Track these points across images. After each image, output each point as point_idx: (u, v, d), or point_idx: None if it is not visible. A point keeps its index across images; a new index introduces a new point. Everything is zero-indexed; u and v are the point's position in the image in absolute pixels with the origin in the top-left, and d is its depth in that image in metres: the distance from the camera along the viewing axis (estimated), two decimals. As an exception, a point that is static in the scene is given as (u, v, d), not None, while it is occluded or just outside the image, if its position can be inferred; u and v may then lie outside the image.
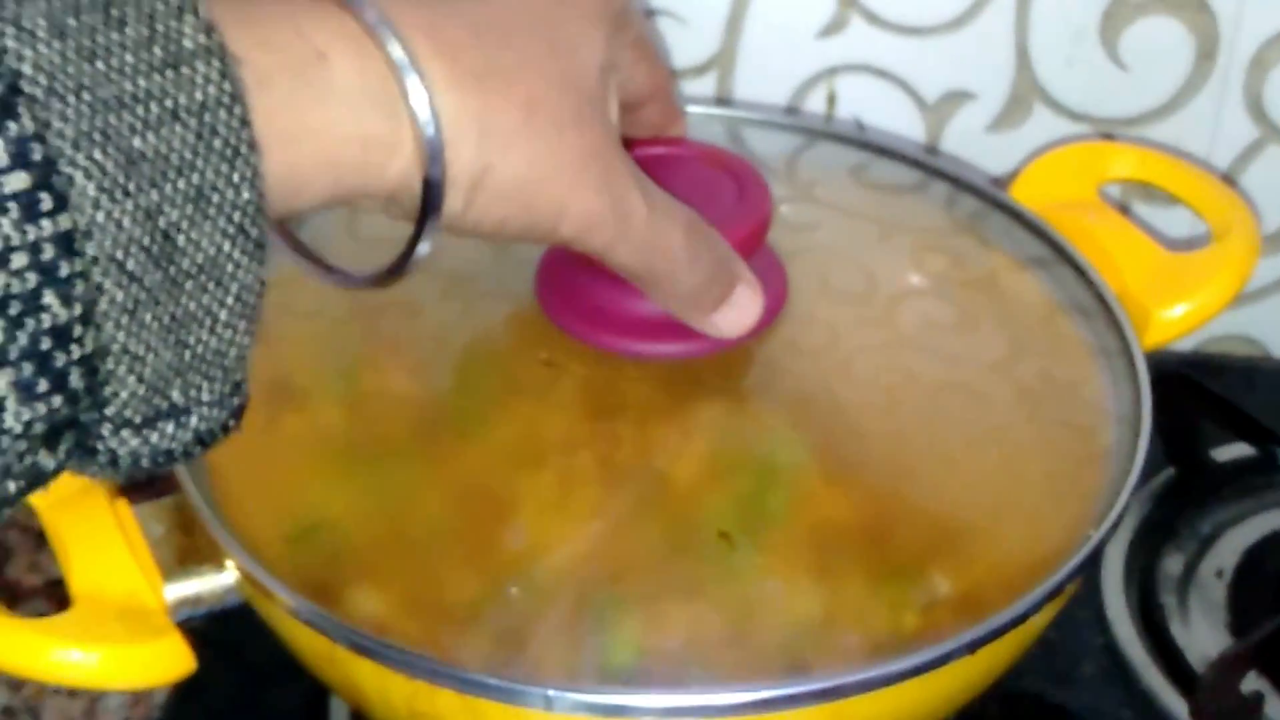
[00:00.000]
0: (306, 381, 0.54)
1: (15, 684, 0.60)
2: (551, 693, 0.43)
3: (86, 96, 0.31)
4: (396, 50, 0.36)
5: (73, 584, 0.46)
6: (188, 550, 0.47)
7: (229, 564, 0.46)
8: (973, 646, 0.44)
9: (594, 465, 0.50)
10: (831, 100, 0.69)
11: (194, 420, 0.35)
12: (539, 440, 0.50)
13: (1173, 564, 0.62)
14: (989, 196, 0.60)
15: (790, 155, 0.63)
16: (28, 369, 0.30)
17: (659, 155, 0.51)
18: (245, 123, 0.33)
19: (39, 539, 0.65)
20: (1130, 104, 0.68)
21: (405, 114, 0.37)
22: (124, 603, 0.45)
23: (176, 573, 0.47)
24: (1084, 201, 0.60)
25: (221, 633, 0.49)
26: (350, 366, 0.55)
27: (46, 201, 0.30)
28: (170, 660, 0.45)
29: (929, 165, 0.61)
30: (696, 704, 0.43)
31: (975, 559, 0.53)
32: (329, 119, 0.36)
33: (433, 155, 0.37)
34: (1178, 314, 0.56)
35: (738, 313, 0.48)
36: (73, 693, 0.60)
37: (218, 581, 0.47)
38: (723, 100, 0.69)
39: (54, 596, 0.63)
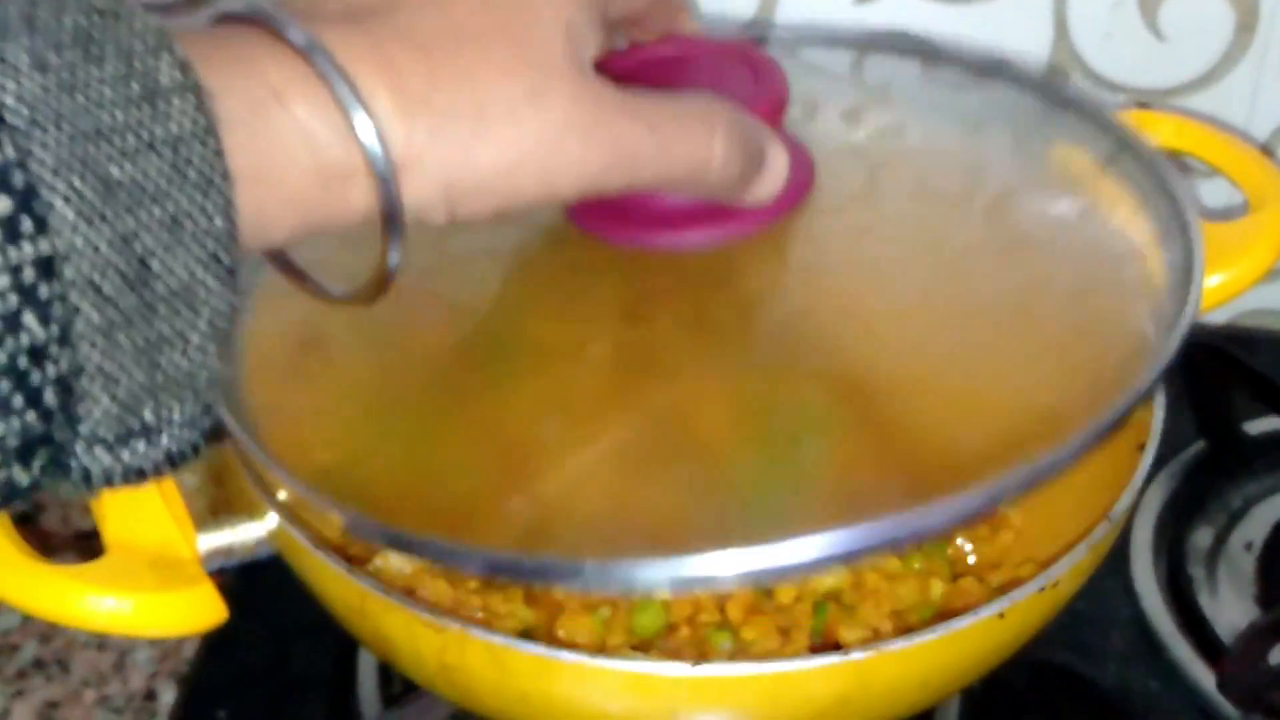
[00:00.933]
0: (337, 329, 0.54)
1: (46, 636, 0.61)
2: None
3: (66, 127, 0.32)
4: (342, 90, 0.37)
5: (106, 533, 0.46)
6: (220, 501, 0.48)
7: (262, 515, 0.47)
8: (1001, 611, 0.44)
9: (623, 411, 0.50)
10: (867, 67, 0.69)
11: (165, 440, 0.36)
12: (570, 388, 0.50)
13: (1202, 536, 0.62)
14: (1052, 93, 0.58)
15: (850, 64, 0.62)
16: (4, 386, 0.32)
17: (667, 56, 0.50)
18: (219, 154, 0.35)
19: (70, 493, 0.66)
20: (1168, 75, 0.68)
21: (357, 145, 0.38)
22: (157, 552, 0.46)
23: (209, 523, 0.47)
24: (1121, 170, 0.60)
25: (251, 590, 0.49)
26: (380, 312, 0.55)
27: (27, 225, 0.31)
28: (203, 609, 0.45)
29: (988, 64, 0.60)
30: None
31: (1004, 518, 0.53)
32: (288, 157, 0.37)
33: (385, 185, 0.38)
34: (1213, 284, 0.55)
35: (770, 178, 0.48)
36: (102, 645, 0.61)
37: (250, 532, 0.47)
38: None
39: (84, 549, 0.63)
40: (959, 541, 0.53)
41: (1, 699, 0.59)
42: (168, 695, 0.58)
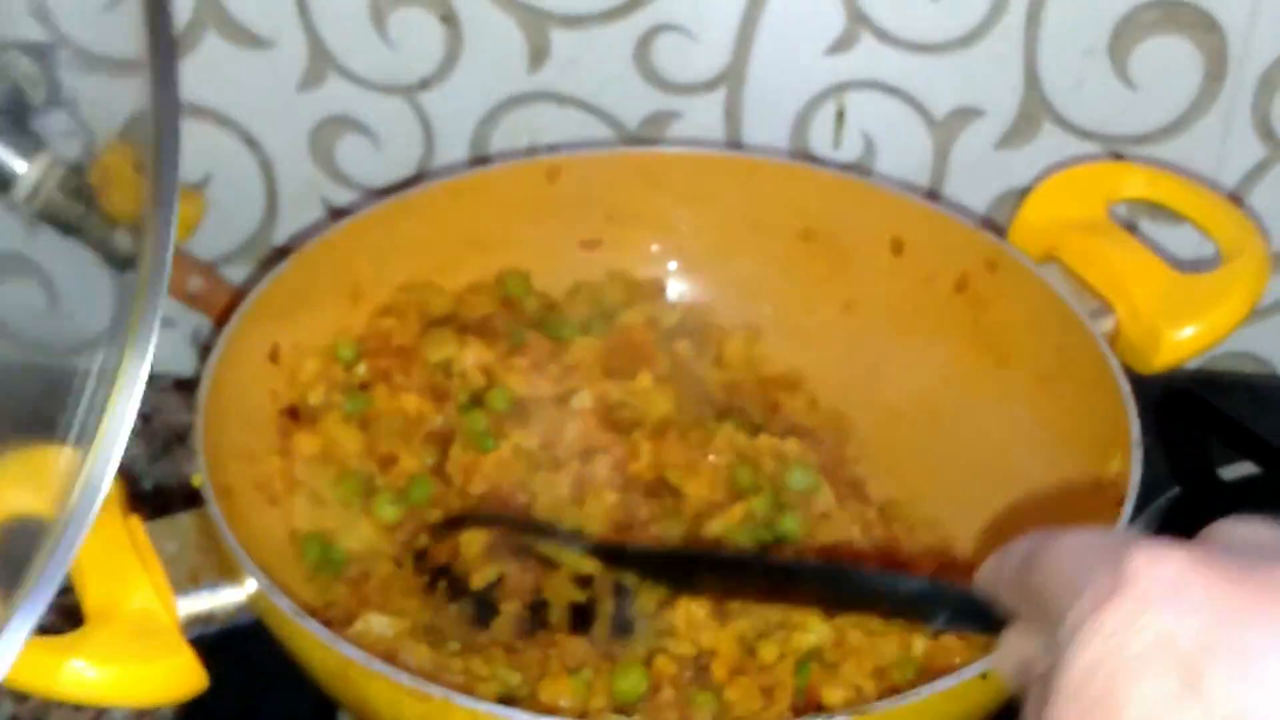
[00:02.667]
0: (318, 400, 0.54)
1: (20, 695, 0.60)
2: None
3: None
4: None
5: (86, 601, 0.46)
6: (200, 568, 0.47)
7: (242, 581, 0.46)
8: (984, 671, 0.44)
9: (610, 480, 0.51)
10: (840, 117, 0.69)
11: None
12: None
13: (1179, 583, 0.62)
14: None
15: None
16: None
17: None
18: None
19: (45, 549, 0.65)
20: (1139, 122, 0.68)
21: None
22: (137, 620, 0.45)
23: (189, 590, 0.47)
24: (1094, 221, 0.60)
25: (230, 642, 0.49)
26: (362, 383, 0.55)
27: None
28: (183, 678, 0.45)
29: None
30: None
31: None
32: None
33: None
34: (1188, 335, 0.56)
35: None
36: (78, 704, 0.60)
37: (230, 598, 0.47)
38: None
39: (58, 608, 0.63)
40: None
41: (-23, 760, 0.58)
42: (145, 754, 0.58)
